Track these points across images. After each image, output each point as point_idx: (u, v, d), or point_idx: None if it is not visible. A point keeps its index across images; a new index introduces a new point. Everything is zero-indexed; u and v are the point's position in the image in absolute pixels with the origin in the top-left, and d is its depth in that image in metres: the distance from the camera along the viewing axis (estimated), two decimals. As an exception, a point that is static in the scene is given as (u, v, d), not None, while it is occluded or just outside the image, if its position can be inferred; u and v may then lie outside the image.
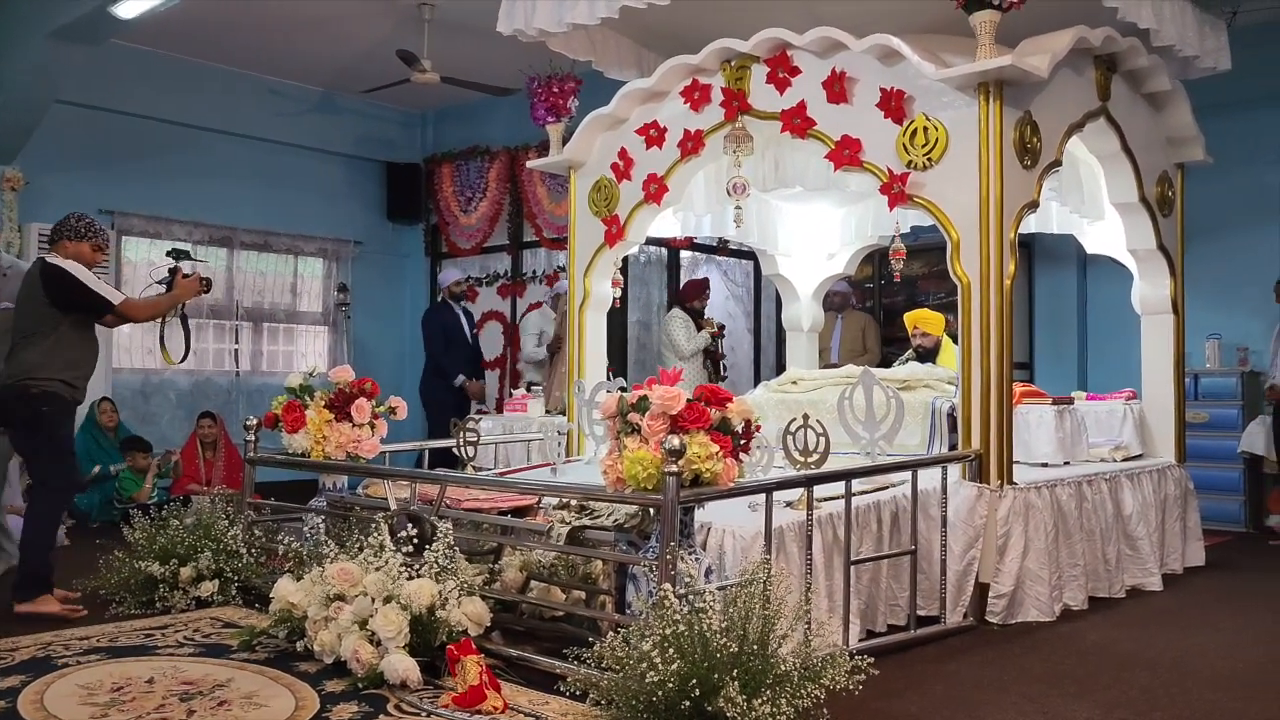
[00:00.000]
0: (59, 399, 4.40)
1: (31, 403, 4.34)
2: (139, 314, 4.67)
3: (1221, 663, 3.75)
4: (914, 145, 4.68)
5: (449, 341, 7.93)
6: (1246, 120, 7.29)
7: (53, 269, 4.41)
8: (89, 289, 4.41)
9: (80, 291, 4.40)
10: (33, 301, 4.44)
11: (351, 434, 4.59)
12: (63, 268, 4.40)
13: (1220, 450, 7.09)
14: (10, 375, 4.40)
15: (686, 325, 7.56)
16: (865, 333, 8.12)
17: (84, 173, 8.06)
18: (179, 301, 4.76)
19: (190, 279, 4.77)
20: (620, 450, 3.27)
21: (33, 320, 4.42)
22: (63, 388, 4.40)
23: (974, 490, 4.40)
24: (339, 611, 3.51)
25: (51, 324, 4.39)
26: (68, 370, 4.41)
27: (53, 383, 4.37)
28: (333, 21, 7.71)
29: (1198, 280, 6.95)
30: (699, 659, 2.69)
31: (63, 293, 4.39)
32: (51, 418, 4.40)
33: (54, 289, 4.39)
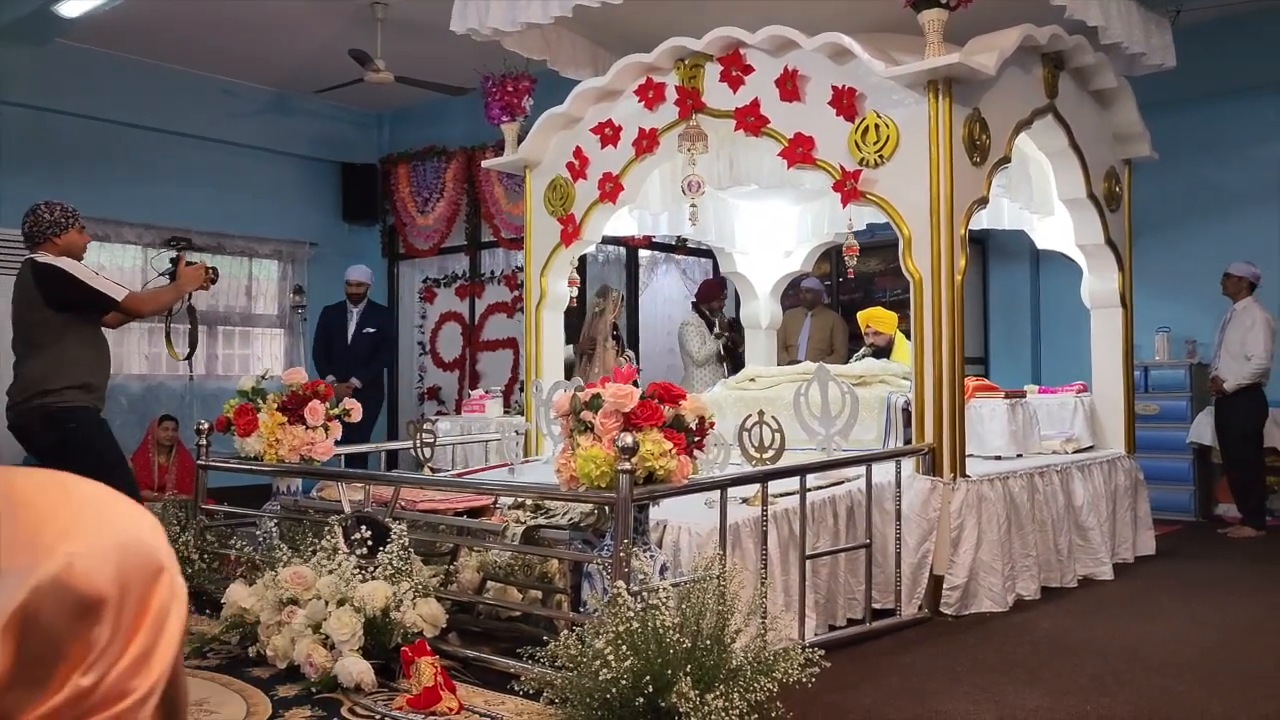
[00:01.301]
0: (81, 410, 4.05)
1: (56, 423, 3.98)
2: (144, 308, 4.34)
3: (1170, 649, 3.83)
4: (866, 143, 4.72)
5: (329, 341, 7.81)
6: (1191, 117, 7.44)
7: (46, 269, 4.06)
8: (89, 286, 4.07)
9: (79, 290, 4.05)
10: (29, 307, 4.08)
11: (305, 437, 4.55)
12: (57, 266, 4.06)
13: (1170, 441, 7.22)
14: (20, 394, 4.03)
15: (700, 331, 7.60)
16: (834, 332, 8.17)
17: (30, 175, 7.89)
18: (184, 293, 4.49)
19: (195, 268, 4.49)
20: (574, 449, 3.27)
21: (33, 328, 4.07)
22: (81, 396, 4.06)
23: (928, 484, 4.45)
24: (292, 616, 3.47)
25: (55, 329, 4.05)
26: (82, 376, 4.07)
27: (69, 393, 4.02)
28: (283, 21, 7.63)
29: (1147, 274, 7.08)
30: (653, 655, 2.70)
31: (60, 293, 4.04)
32: (82, 434, 4.04)
33: (50, 290, 4.04)
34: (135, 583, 0.71)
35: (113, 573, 0.70)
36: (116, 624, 0.70)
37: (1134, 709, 3.14)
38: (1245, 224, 7.35)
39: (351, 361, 7.66)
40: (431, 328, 9.44)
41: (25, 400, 4.04)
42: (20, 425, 4.08)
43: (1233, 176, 7.51)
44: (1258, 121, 7.40)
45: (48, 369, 4.04)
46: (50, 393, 4.02)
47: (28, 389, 4.05)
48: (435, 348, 9.38)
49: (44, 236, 4.16)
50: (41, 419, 4.01)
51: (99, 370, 4.19)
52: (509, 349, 8.73)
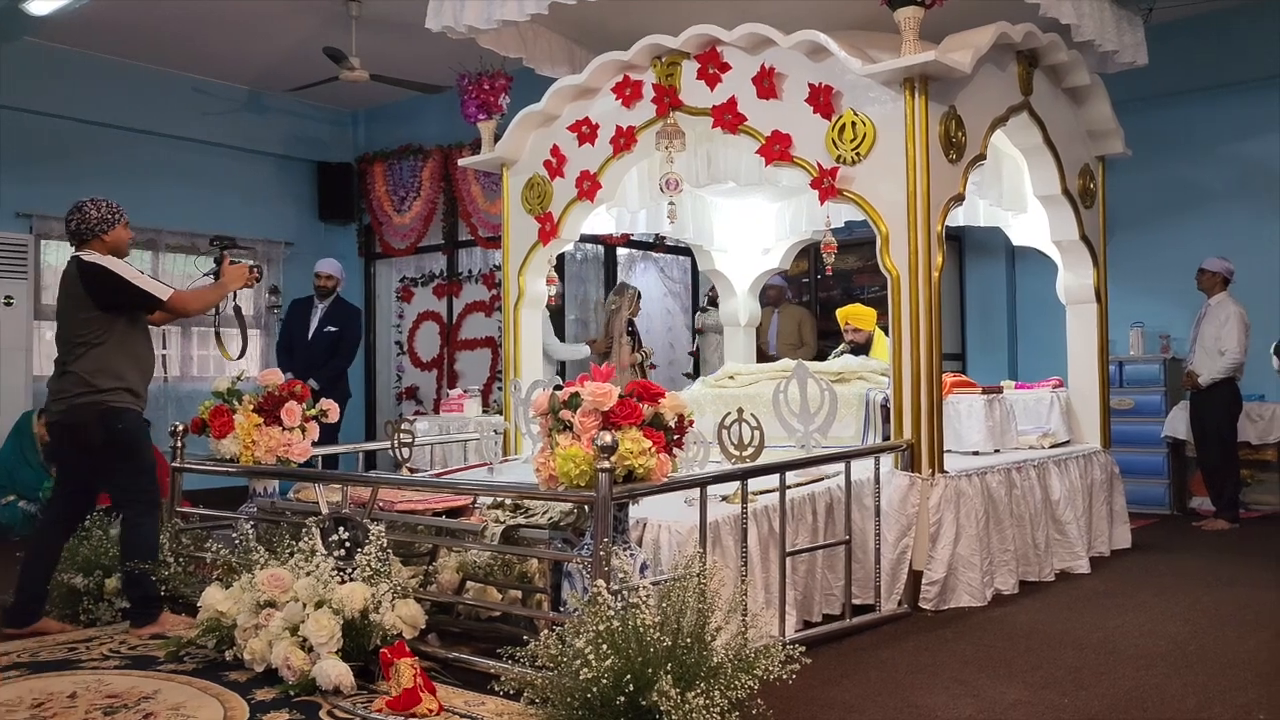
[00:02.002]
0: (130, 413, 4.05)
1: (107, 422, 3.98)
2: (190, 306, 4.28)
3: (1145, 641, 3.86)
4: (843, 140, 4.73)
5: (291, 337, 7.39)
6: (1164, 114, 7.51)
7: (91, 267, 4.04)
8: (134, 286, 4.05)
9: (125, 289, 4.04)
10: (77, 306, 4.06)
11: (282, 438, 4.51)
12: (102, 265, 4.04)
13: (1145, 435, 7.29)
14: (72, 389, 4.01)
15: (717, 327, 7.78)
16: (802, 326, 8.23)
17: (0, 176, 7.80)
18: (228, 291, 4.46)
19: (239, 266, 4.46)
20: (552, 448, 3.25)
21: (80, 327, 4.04)
22: (129, 399, 4.06)
23: (906, 480, 4.47)
24: (269, 619, 3.45)
25: (101, 329, 4.03)
26: (129, 378, 4.06)
27: (120, 394, 4.02)
28: (257, 19, 7.56)
29: (1121, 270, 7.15)
30: (633, 654, 2.69)
31: (106, 293, 4.03)
32: (130, 437, 4.05)
33: (96, 289, 4.02)
34: None
35: None
36: None
37: (1110, 701, 3.16)
38: (1217, 220, 7.43)
39: (310, 360, 7.23)
40: (409, 327, 9.40)
41: (77, 395, 4.01)
42: (71, 423, 4.04)
43: (1205, 173, 7.59)
44: (1229, 118, 7.47)
45: (96, 368, 4.02)
46: (103, 391, 4.01)
47: (78, 386, 4.02)
48: (413, 347, 9.33)
49: (91, 234, 4.14)
50: (96, 416, 4.00)
51: (145, 372, 4.20)
52: (487, 348, 8.70)
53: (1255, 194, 7.28)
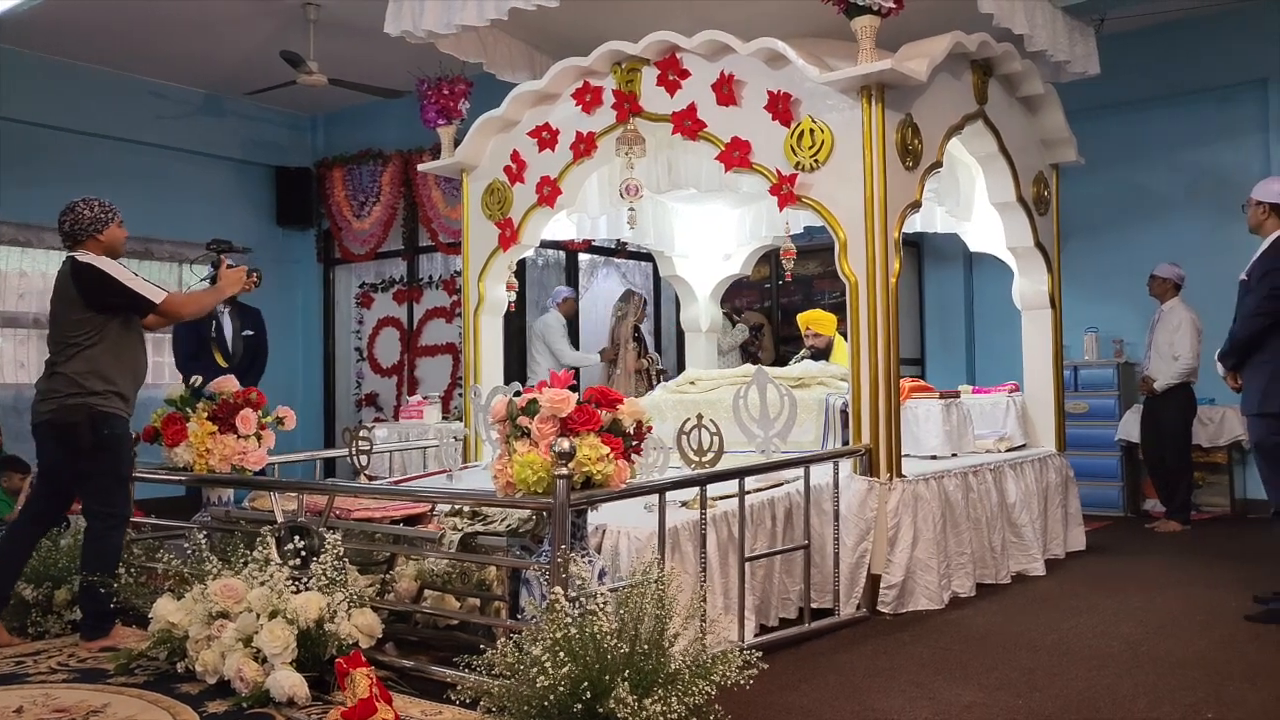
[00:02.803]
0: (118, 419, 3.98)
1: (96, 426, 3.91)
2: (184, 310, 4.22)
3: (1098, 642, 3.91)
4: (801, 147, 4.76)
5: (200, 344, 6.44)
6: (1116, 123, 7.65)
7: (84, 268, 3.97)
8: (128, 288, 3.96)
9: (118, 291, 3.96)
10: (69, 307, 3.98)
11: (237, 446, 4.45)
12: (95, 265, 3.97)
13: (1099, 439, 7.40)
14: (57, 393, 3.93)
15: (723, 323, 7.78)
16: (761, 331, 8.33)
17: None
18: (224, 296, 4.41)
19: (236, 270, 4.40)
20: (510, 454, 3.24)
21: (72, 329, 3.96)
22: (120, 404, 3.99)
23: (865, 484, 4.50)
24: (222, 629, 3.40)
25: (94, 331, 3.95)
26: (120, 383, 3.99)
27: (110, 399, 3.94)
28: (213, 21, 7.47)
29: (1075, 276, 7.26)
30: (591, 661, 2.68)
31: (99, 294, 3.95)
32: (115, 444, 3.98)
33: (88, 290, 3.95)
34: None
35: None
36: None
37: (1063, 703, 3.20)
38: (1169, 227, 7.56)
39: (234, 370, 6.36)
40: (369, 333, 9.33)
41: (68, 396, 3.93)
42: (60, 423, 3.95)
43: (1156, 181, 7.73)
44: (1179, 127, 7.62)
45: (87, 370, 3.95)
46: (93, 394, 3.94)
47: (68, 387, 3.94)
48: (373, 353, 9.26)
49: (86, 234, 4.06)
50: (87, 418, 3.93)
51: (136, 378, 4.13)
52: (448, 354, 8.65)
53: (1205, 201, 7.43)
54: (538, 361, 7.70)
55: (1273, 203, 4.38)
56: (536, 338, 7.85)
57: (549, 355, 7.68)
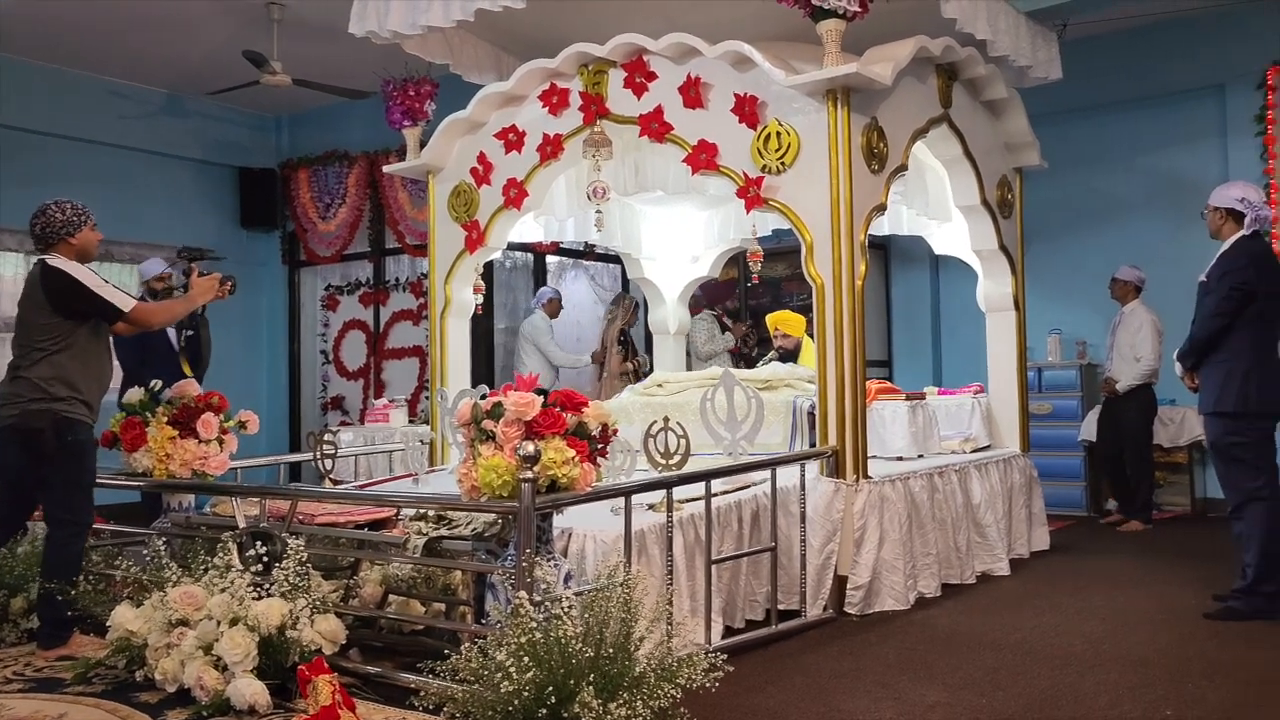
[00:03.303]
0: (82, 426, 3.92)
1: (60, 432, 3.85)
2: (153, 319, 4.16)
3: (1061, 641, 3.95)
4: (768, 150, 4.77)
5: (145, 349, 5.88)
6: (1078, 127, 7.74)
7: (54, 273, 3.91)
8: (96, 295, 3.90)
9: (86, 298, 3.90)
10: (37, 311, 3.92)
11: (198, 451, 4.39)
12: (65, 270, 3.90)
13: (1063, 439, 7.48)
14: (21, 398, 3.85)
15: (708, 327, 7.68)
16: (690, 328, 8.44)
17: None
18: (196, 305, 4.34)
19: (208, 279, 4.32)
20: (475, 458, 3.22)
21: (39, 333, 3.89)
22: (84, 411, 3.92)
23: (831, 486, 4.51)
24: (182, 637, 3.35)
25: (61, 336, 3.89)
26: (85, 389, 3.92)
27: (74, 405, 3.88)
28: (175, 21, 7.37)
29: (1038, 278, 7.34)
30: (556, 666, 2.67)
31: (67, 300, 3.89)
32: (78, 451, 3.91)
33: (56, 295, 3.88)
34: None
35: None
36: None
37: (1025, 701, 3.23)
38: (1130, 230, 7.67)
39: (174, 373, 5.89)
40: (335, 336, 9.25)
41: (31, 401, 3.86)
42: (25, 428, 3.88)
43: (1117, 184, 7.83)
44: (1140, 132, 7.73)
45: (52, 375, 3.89)
46: (57, 400, 3.88)
47: (32, 391, 3.87)
48: (339, 356, 9.18)
49: (58, 237, 3.99)
50: (51, 424, 3.87)
51: (102, 385, 4.06)
52: (415, 357, 8.60)
53: (1166, 205, 7.53)
54: (524, 363, 7.70)
55: (1230, 208, 4.45)
56: (524, 339, 7.87)
57: (537, 356, 7.69)
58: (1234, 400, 4.30)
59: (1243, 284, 4.29)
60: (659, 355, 7.41)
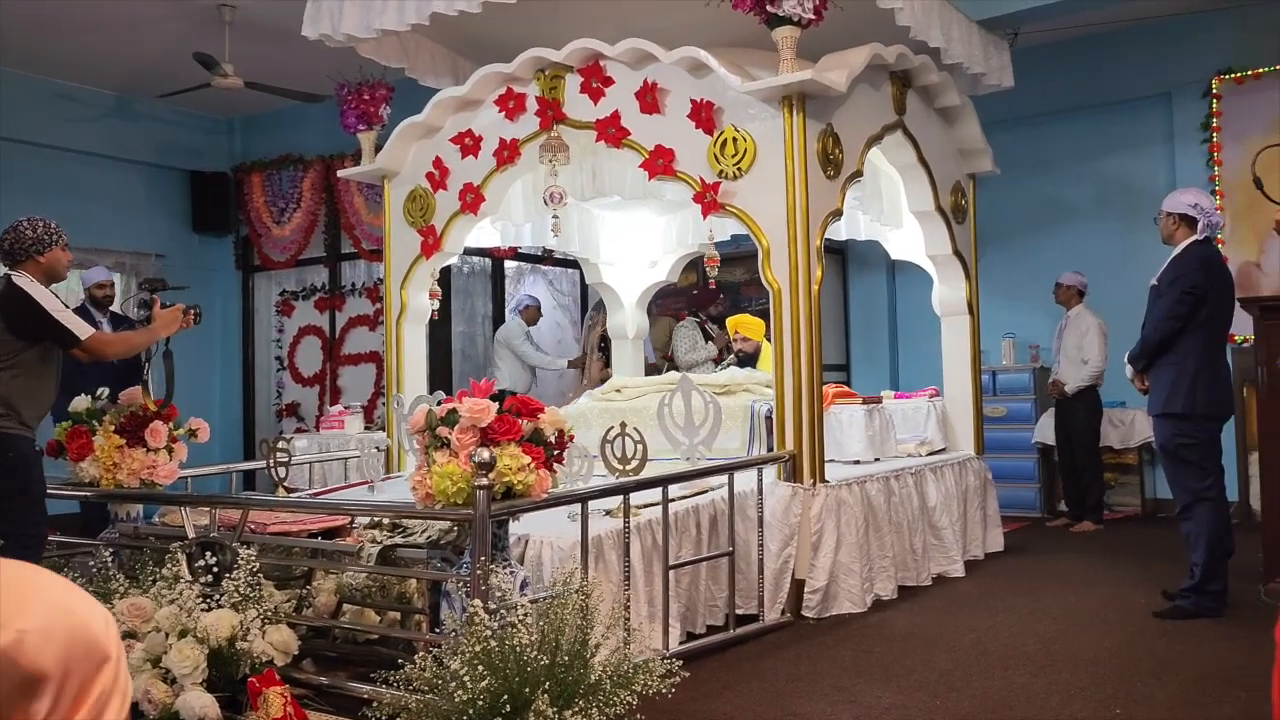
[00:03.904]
0: (22, 439, 3.82)
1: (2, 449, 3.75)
2: (108, 350, 4.07)
3: (1014, 642, 4.00)
4: (724, 155, 4.79)
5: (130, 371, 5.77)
6: (1029, 134, 7.85)
7: (13, 291, 3.82)
8: (53, 319, 3.81)
9: (42, 320, 3.81)
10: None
11: (146, 460, 4.31)
12: (26, 291, 3.82)
13: (1016, 441, 7.58)
14: None
15: (691, 335, 7.63)
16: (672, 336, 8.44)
17: None
18: (158, 337, 4.24)
19: (172, 310, 4.22)
20: (430, 465, 3.19)
21: None
22: (20, 428, 3.82)
23: (789, 490, 4.53)
24: (129, 650, 3.27)
25: (9, 355, 3.79)
26: (21, 409, 3.82)
27: (9, 421, 3.77)
28: (124, 21, 7.24)
29: (992, 283, 7.43)
30: (511, 674, 2.65)
31: (21, 319, 3.81)
32: (23, 461, 3.81)
33: (12, 314, 3.80)
34: (79, 667, 0.80)
35: (59, 653, 0.79)
36: (56, 702, 0.78)
37: (979, 702, 3.26)
38: (1080, 235, 7.79)
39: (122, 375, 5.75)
40: (290, 342, 9.12)
41: None
42: None
43: (1068, 190, 7.96)
44: (1088, 138, 7.86)
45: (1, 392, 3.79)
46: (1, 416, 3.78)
47: None
48: (294, 362, 9.06)
49: (26, 254, 3.91)
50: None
51: (39, 408, 3.96)
52: (372, 363, 8.51)
53: (1114, 210, 7.67)
54: (499, 368, 7.65)
55: (1183, 213, 4.53)
56: (499, 344, 7.84)
57: (511, 359, 7.65)
58: (1182, 402, 4.37)
59: (1193, 288, 4.37)
60: (617, 360, 7.40)
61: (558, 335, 9.52)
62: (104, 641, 0.84)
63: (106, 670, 0.83)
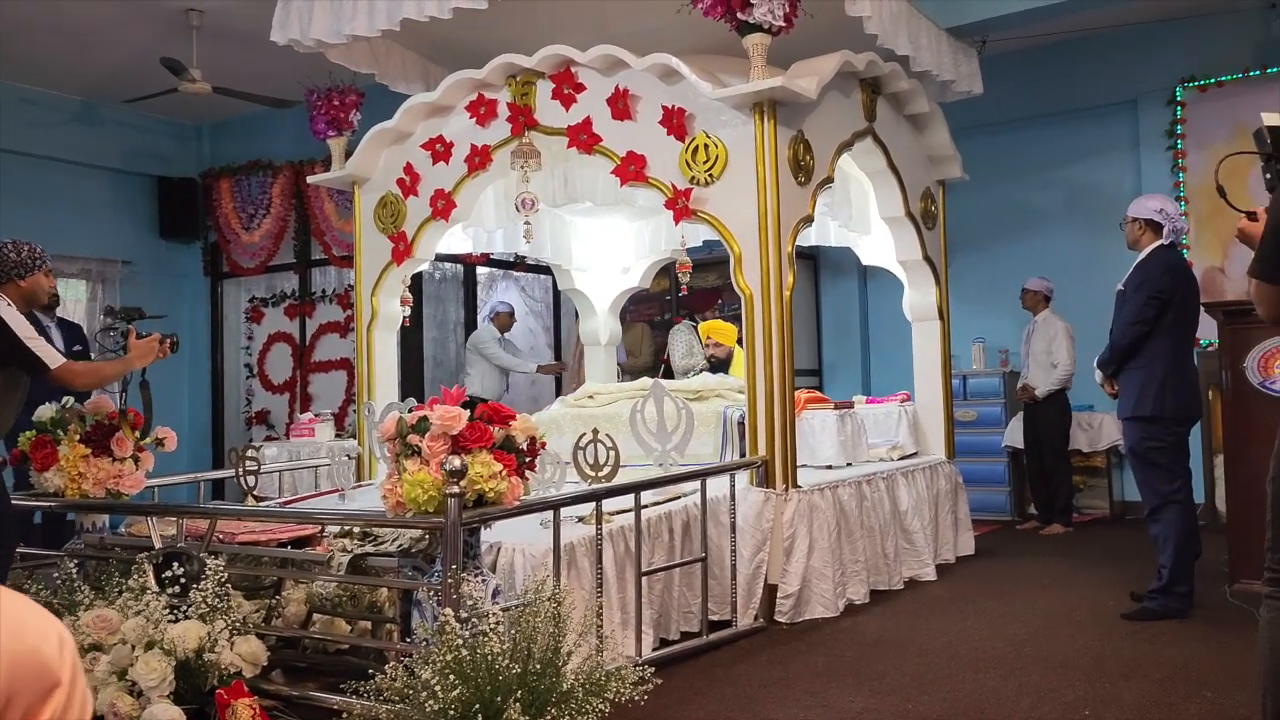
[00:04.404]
0: None
1: None
2: (78, 381, 3.97)
3: (985, 644, 4.02)
4: (696, 162, 4.80)
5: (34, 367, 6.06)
6: (998, 141, 7.93)
7: None
8: (23, 345, 3.73)
9: (12, 346, 3.73)
10: None
11: (112, 469, 4.24)
12: None
13: (987, 445, 7.64)
14: None
15: (688, 340, 7.60)
16: (642, 341, 8.45)
17: None
18: (132, 368, 4.13)
19: (147, 340, 4.13)
20: (400, 473, 3.17)
21: None
22: None
23: (761, 495, 4.54)
24: (95, 663, 3.23)
25: None
26: None
27: None
28: (89, 26, 7.16)
29: (962, 288, 7.49)
30: (483, 683, 2.63)
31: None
32: None
33: None
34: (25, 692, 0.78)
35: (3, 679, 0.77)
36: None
37: (950, 705, 3.28)
38: (1048, 240, 7.88)
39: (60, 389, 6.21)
40: (259, 349, 9.04)
41: None
42: None
43: (1035, 196, 8.05)
44: (1055, 145, 7.95)
45: None
46: None
47: None
48: (264, 370, 8.98)
49: (6, 277, 3.82)
50: None
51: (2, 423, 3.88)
52: (343, 370, 8.45)
53: (1081, 216, 7.76)
54: (469, 374, 7.62)
55: (1149, 218, 4.58)
56: (471, 351, 7.84)
57: (483, 365, 7.63)
58: (1151, 406, 4.42)
59: (1159, 293, 4.43)
60: (590, 366, 7.39)
61: (530, 341, 9.50)
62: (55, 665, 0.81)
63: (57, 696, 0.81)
